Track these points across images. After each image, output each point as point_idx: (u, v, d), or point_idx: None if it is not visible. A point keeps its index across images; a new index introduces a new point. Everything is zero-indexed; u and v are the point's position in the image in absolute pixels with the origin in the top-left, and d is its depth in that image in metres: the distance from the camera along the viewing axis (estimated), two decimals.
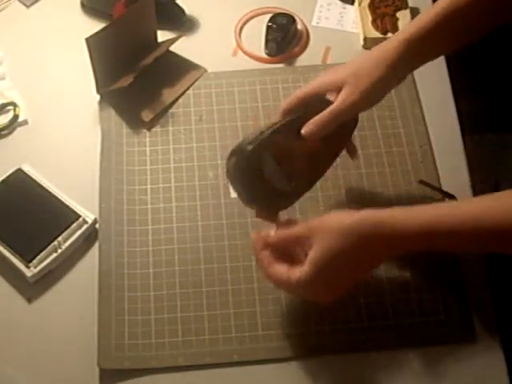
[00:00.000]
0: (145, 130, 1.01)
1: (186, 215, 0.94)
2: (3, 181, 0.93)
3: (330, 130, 0.82)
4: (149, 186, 0.96)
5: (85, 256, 0.91)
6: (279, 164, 0.82)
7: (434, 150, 0.99)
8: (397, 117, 1.02)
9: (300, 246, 0.77)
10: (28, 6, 1.14)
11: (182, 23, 1.12)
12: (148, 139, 1.00)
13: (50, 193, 0.92)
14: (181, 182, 0.96)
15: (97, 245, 0.91)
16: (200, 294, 0.88)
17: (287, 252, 0.79)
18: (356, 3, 1.13)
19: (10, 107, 1.02)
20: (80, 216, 0.91)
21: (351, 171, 0.97)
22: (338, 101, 0.82)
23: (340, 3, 1.16)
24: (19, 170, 0.94)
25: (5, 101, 1.03)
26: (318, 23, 1.13)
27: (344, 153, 0.92)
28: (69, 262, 0.90)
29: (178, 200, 0.95)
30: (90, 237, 0.92)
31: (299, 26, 1.12)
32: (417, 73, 1.06)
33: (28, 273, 0.87)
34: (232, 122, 1.02)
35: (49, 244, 0.88)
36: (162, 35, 1.09)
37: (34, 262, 0.87)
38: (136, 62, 1.03)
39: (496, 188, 1.09)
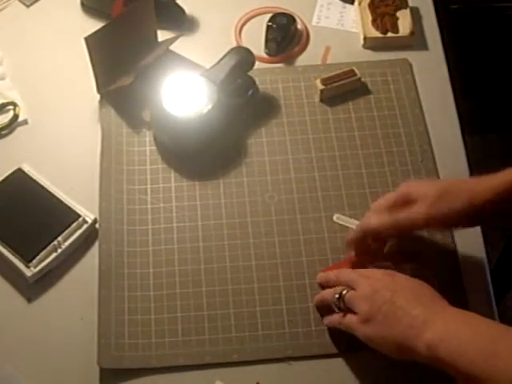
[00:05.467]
0: (145, 130, 1.01)
1: (186, 215, 0.94)
2: (3, 181, 0.93)
3: None
4: (149, 186, 0.96)
5: (85, 256, 0.91)
6: None
7: (434, 149, 0.99)
8: (397, 117, 1.02)
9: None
10: (28, 6, 1.14)
11: (182, 23, 1.12)
12: (148, 139, 1.00)
13: (49, 193, 0.92)
14: (181, 182, 0.96)
15: (97, 245, 0.91)
16: (200, 294, 0.88)
17: None
18: (356, 3, 1.13)
19: (10, 107, 1.02)
20: (80, 216, 0.91)
21: (351, 171, 0.97)
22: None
23: (340, 3, 1.16)
24: (19, 170, 0.94)
25: (5, 101, 1.03)
26: (317, 23, 1.13)
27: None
28: (69, 261, 0.90)
29: (178, 200, 0.95)
30: (90, 236, 0.92)
31: (299, 26, 1.12)
32: (417, 73, 1.06)
33: (28, 273, 0.87)
34: None
35: (49, 244, 0.88)
36: (162, 35, 1.09)
37: (34, 261, 0.87)
38: (136, 62, 1.03)
39: None
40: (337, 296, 0.80)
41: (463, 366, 0.68)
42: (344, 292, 0.79)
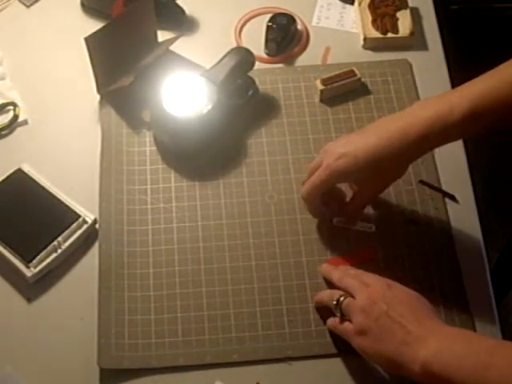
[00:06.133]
0: (145, 130, 1.01)
1: (186, 215, 0.94)
2: (3, 181, 0.93)
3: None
4: (149, 186, 0.96)
5: (85, 256, 0.91)
6: None
7: (434, 150, 0.99)
8: None
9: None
10: (28, 6, 1.14)
11: (182, 23, 1.12)
12: (148, 139, 1.00)
13: (49, 193, 0.92)
14: (181, 182, 0.96)
15: (97, 245, 0.91)
16: (200, 294, 0.88)
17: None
18: (356, 3, 1.13)
19: (10, 107, 1.02)
20: (80, 216, 0.91)
21: None
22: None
23: (340, 3, 1.16)
24: (19, 170, 0.94)
25: (5, 101, 1.03)
26: (317, 23, 1.13)
27: None
28: (69, 261, 0.90)
29: (178, 200, 0.95)
30: (90, 237, 0.92)
31: (299, 26, 1.12)
32: (417, 73, 1.06)
33: (28, 273, 0.87)
34: None
35: (49, 244, 0.88)
36: (162, 35, 1.09)
37: (34, 262, 0.87)
38: (136, 62, 1.04)
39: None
40: (334, 302, 0.80)
41: (459, 380, 0.68)
42: (342, 299, 0.80)
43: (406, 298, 0.78)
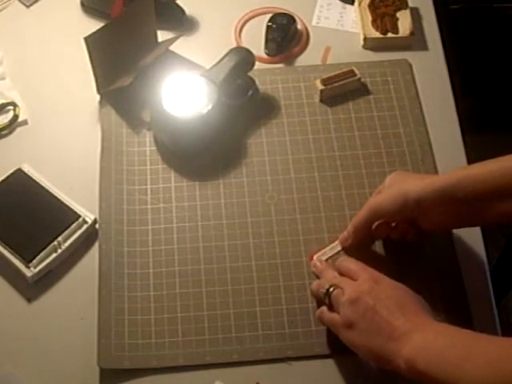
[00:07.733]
0: (145, 130, 1.01)
1: (186, 215, 0.94)
2: (3, 181, 0.93)
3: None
4: (149, 186, 0.96)
5: (85, 256, 0.91)
6: None
7: (434, 150, 0.99)
8: (397, 117, 1.02)
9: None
10: (28, 6, 1.14)
11: (182, 23, 1.12)
12: (148, 139, 1.00)
13: (49, 193, 0.92)
14: (181, 182, 0.96)
15: (97, 245, 0.91)
16: (200, 294, 0.88)
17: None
18: (356, 3, 1.13)
19: (10, 107, 1.02)
20: (80, 216, 0.91)
21: (351, 171, 0.97)
22: None
23: (340, 3, 1.16)
24: (19, 170, 0.94)
25: (5, 101, 1.03)
26: (317, 23, 1.13)
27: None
28: (69, 262, 0.90)
29: (178, 200, 0.95)
30: (90, 237, 0.92)
31: (299, 26, 1.12)
32: (417, 73, 1.06)
33: (28, 273, 0.87)
34: None
35: (49, 244, 0.88)
36: (162, 35, 1.09)
37: (34, 262, 0.87)
38: (136, 62, 1.04)
39: None
40: (324, 291, 0.80)
41: (439, 376, 0.68)
42: (331, 289, 0.80)
43: (394, 293, 0.78)
